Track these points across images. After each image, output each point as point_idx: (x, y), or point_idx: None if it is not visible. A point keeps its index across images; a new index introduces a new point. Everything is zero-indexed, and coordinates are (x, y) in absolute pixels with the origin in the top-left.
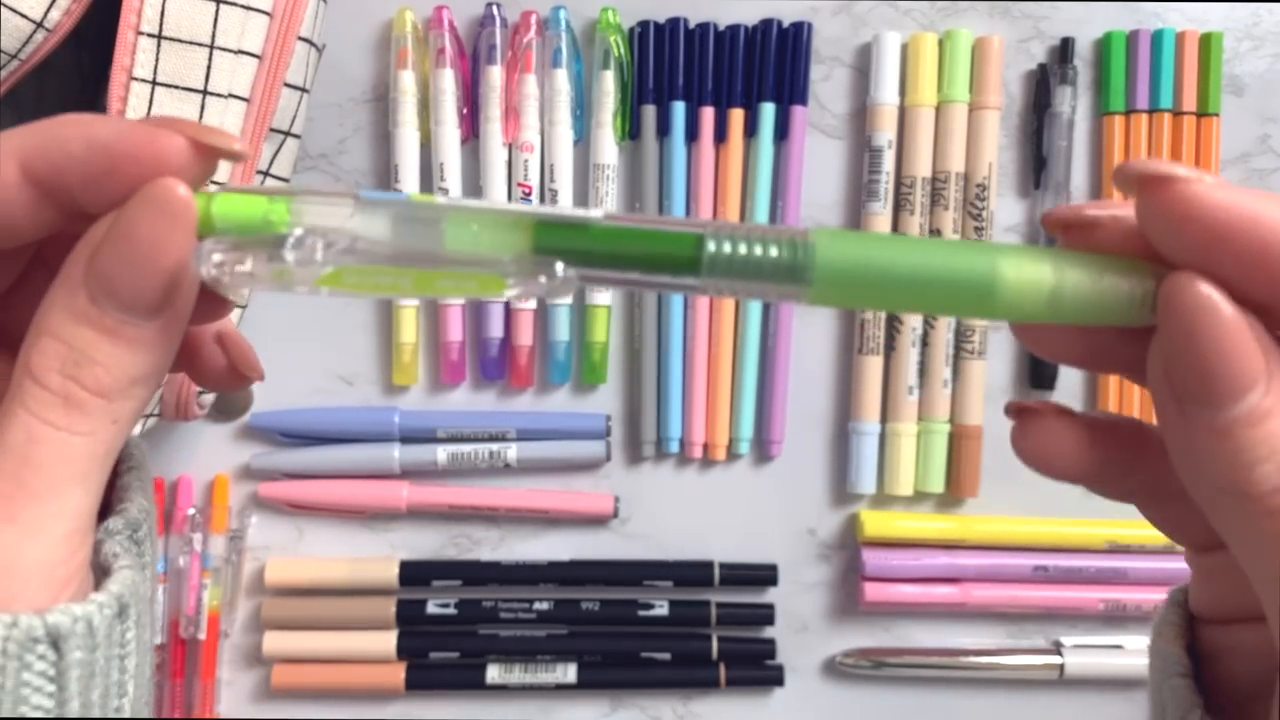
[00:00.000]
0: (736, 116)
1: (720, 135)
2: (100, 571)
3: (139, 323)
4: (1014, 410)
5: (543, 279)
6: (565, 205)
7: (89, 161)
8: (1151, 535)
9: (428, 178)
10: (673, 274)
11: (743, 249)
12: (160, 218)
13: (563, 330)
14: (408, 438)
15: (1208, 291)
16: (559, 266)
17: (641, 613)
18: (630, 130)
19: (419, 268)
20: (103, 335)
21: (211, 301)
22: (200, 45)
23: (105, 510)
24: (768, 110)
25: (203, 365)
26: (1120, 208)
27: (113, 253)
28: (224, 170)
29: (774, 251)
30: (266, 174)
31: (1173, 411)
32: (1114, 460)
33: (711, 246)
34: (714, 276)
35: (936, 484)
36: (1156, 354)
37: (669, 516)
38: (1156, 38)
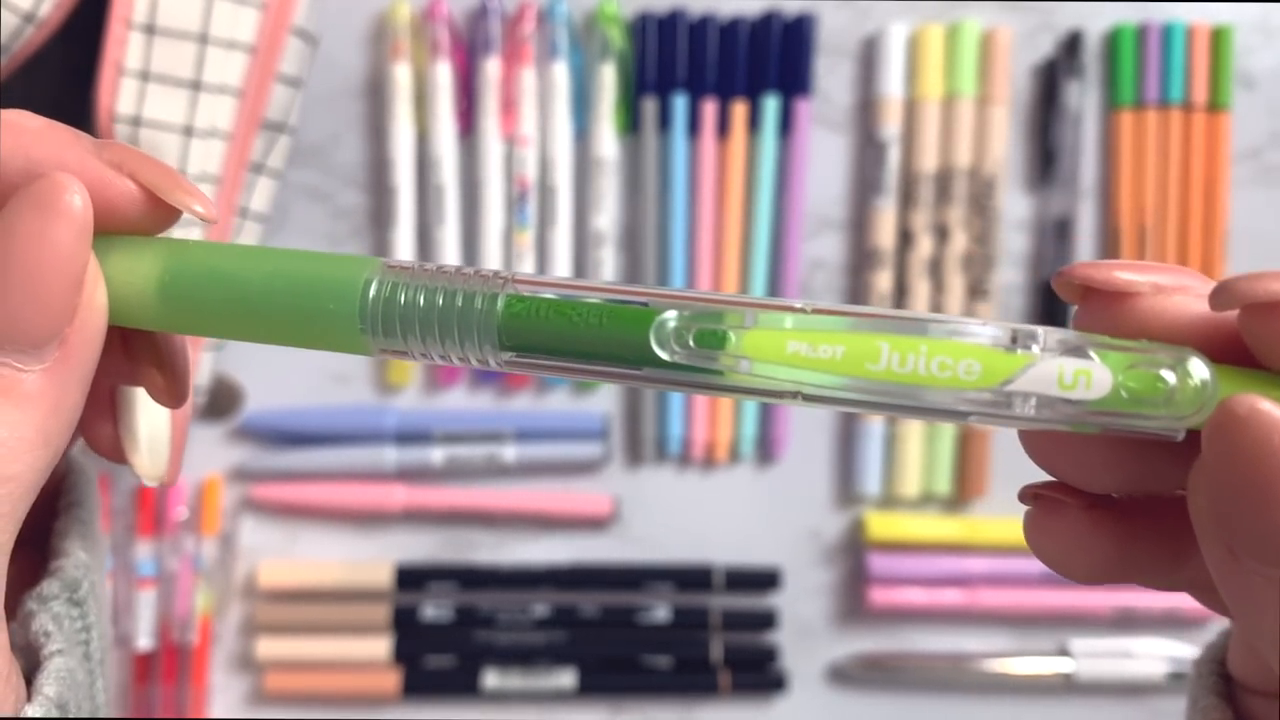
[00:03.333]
0: (739, 110)
1: (722, 129)
2: (29, 656)
3: (21, 364)
4: (1029, 497)
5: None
6: None
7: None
8: None
9: (423, 173)
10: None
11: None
12: (45, 219)
13: None
14: (403, 438)
15: None
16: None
17: (641, 617)
18: (630, 124)
19: None
20: None
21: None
22: (192, 37)
23: (39, 556)
24: (771, 103)
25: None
26: (1166, 272)
27: None
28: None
29: None
30: (261, 168)
31: (1222, 556)
32: (1156, 559)
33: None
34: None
35: (943, 485)
36: (1201, 487)
37: (670, 518)
38: (1167, 32)
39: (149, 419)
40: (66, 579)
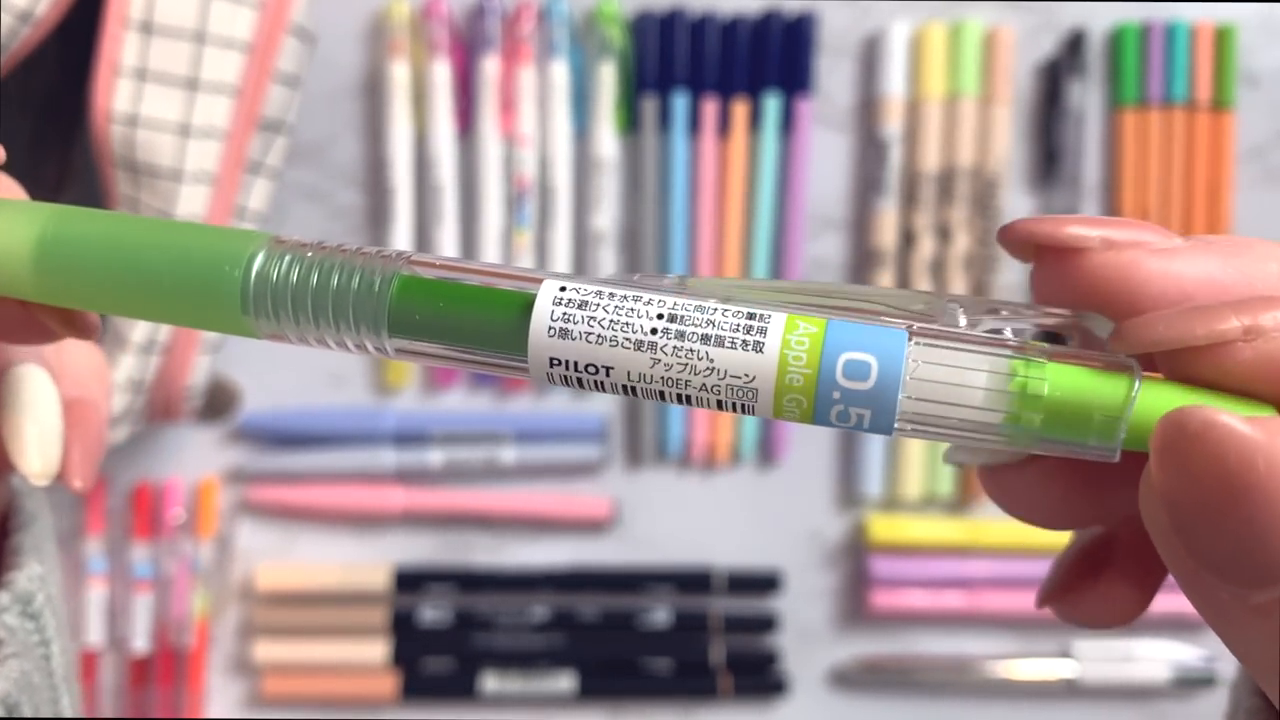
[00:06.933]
0: (740, 109)
1: (723, 128)
2: None
3: None
4: (1064, 600)
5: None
6: None
7: None
8: None
9: (421, 172)
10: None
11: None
12: None
13: None
14: (401, 440)
15: (1250, 438)
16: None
17: (641, 620)
18: (630, 123)
19: None
20: None
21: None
22: (188, 36)
23: None
24: (772, 102)
25: None
26: (1116, 226)
27: None
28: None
29: None
30: (258, 167)
31: (1189, 570)
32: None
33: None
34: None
35: (945, 487)
36: (1158, 505)
37: (670, 521)
38: (1170, 31)
39: (36, 413)
40: (18, 591)
